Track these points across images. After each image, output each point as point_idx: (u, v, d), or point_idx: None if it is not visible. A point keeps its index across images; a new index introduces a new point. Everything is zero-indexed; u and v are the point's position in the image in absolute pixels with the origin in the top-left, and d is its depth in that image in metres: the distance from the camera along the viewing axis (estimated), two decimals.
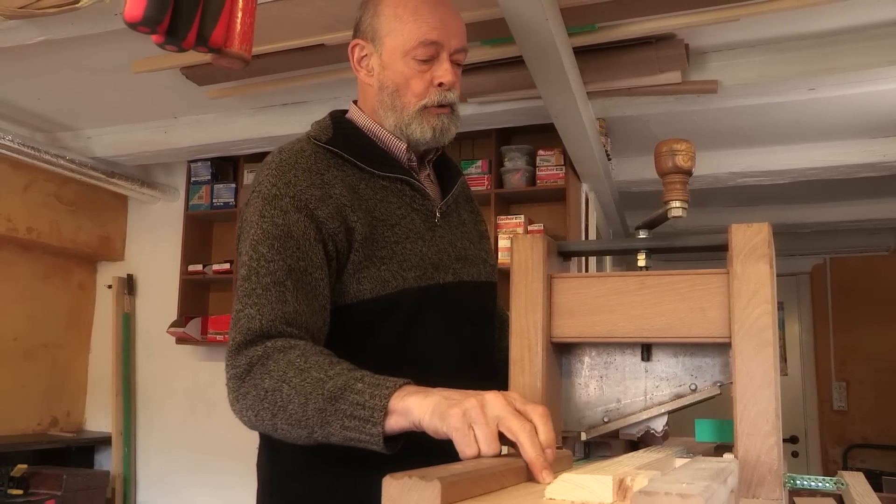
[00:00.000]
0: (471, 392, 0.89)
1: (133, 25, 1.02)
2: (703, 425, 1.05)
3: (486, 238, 1.46)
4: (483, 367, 1.30)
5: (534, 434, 0.82)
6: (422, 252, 1.23)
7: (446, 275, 1.25)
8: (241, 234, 1.20)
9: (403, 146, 1.28)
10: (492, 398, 0.86)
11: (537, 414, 0.85)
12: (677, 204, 1.02)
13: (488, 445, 0.82)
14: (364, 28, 1.29)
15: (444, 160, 1.40)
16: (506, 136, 3.35)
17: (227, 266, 3.71)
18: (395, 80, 1.25)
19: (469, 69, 2.60)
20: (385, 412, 0.93)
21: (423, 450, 0.88)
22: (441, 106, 1.25)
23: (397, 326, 1.19)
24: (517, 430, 0.82)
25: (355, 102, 1.35)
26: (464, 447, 0.83)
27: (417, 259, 1.22)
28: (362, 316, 1.19)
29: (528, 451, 0.79)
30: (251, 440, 4.41)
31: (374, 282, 1.18)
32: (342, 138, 1.26)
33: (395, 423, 0.93)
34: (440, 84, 1.24)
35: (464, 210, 1.41)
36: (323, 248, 1.15)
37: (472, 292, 1.30)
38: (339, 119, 1.31)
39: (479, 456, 0.82)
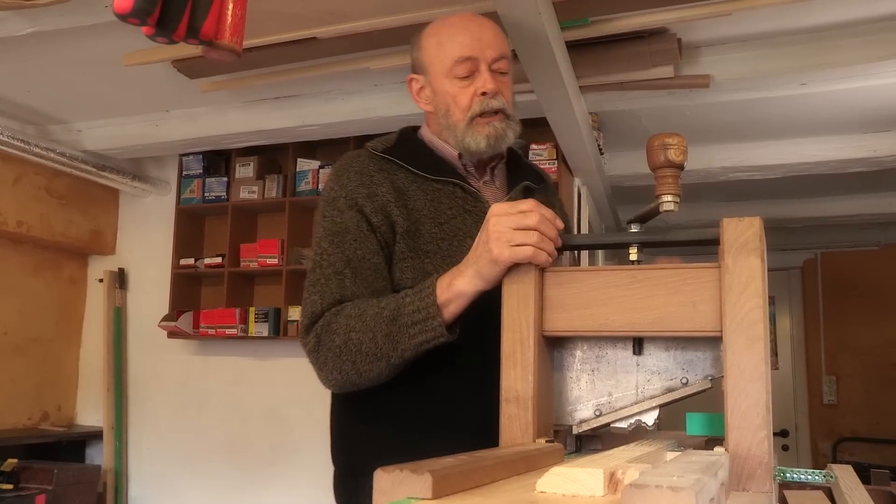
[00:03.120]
0: (480, 238, 1.09)
1: (123, 17, 1.02)
2: (694, 419, 1.05)
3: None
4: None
5: (546, 220, 1.04)
6: (468, 250, 1.27)
7: None
8: (313, 235, 1.36)
9: (455, 153, 1.38)
10: (497, 220, 1.05)
11: (535, 204, 1.06)
12: (669, 198, 1.02)
13: (537, 239, 1.02)
14: (415, 64, 1.42)
15: (517, 167, 1.47)
16: None
17: (218, 260, 3.70)
18: (445, 101, 1.35)
19: None
20: (437, 306, 1.12)
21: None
22: (489, 114, 1.33)
23: None
24: (538, 223, 1.03)
25: None
26: (541, 261, 1.02)
27: (463, 256, 1.26)
28: None
29: (551, 231, 1.04)
30: (242, 435, 4.39)
31: (416, 272, 1.27)
32: (400, 148, 1.39)
33: (453, 309, 1.13)
34: (483, 94, 1.31)
35: None
36: (375, 237, 1.29)
37: None
38: (405, 133, 1.45)
39: (549, 256, 1.02)
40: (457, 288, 1.12)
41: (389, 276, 1.28)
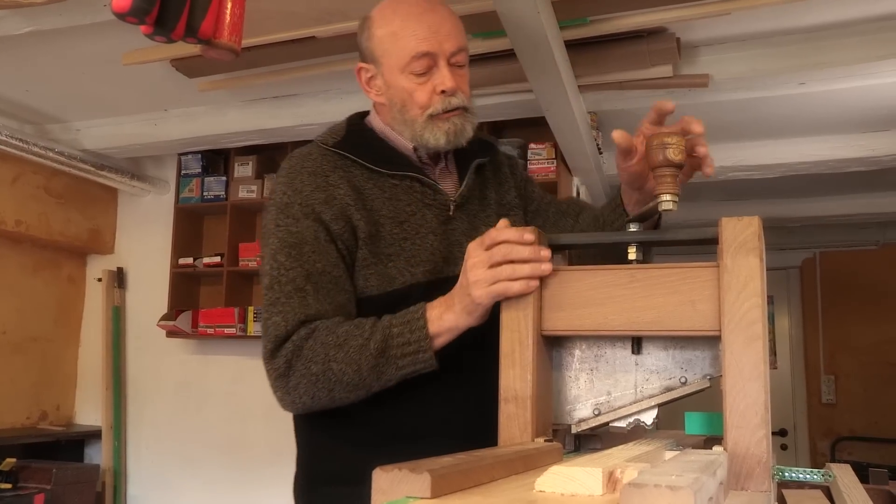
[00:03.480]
0: (461, 281, 1.10)
1: (121, 16, 1.01)
2: (692, 418, 1.05)
3: (516, 207, 1.44)
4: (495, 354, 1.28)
5: (513, 244, 1.03)
6: (433, 247, 1.26)
7: (457, 267, 1.24)
8: (262, 242, 1.28)
9: (410, 146, 1.31)
10: (472, 263, 1.06)
11: (497, 233, 1.05)
12: (668, 197, 1.02)
13: (509, 272, 1.02)
14: (364, 52, 1.32)
15: (462, 149, 1.38)
16: (497, 129, 3.35)
17: (217, 259, 3.70)
18: (401, 97, 1.27)
19: None
20: (430, 338, 1.12)
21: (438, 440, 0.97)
22: (449, 111, 1.26)
23: None
24: (506, 255, 1.02)
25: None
26: (514, 291, 1.01)
27: (428, 254, 1.25)
28: (370, 311, 1.22)
29: (522, 253, 1.02)
30: (242, 434, 4.38)
31: (380, 278, 1.23)
32: (351, 141, 1.31)
33: (442, 341, 1.13)
34: (442, 91, 1.25)
35: (491, 188, 1.41)
36: (335, 246, 1.22)
37: None
38: (354, 122, 1.36)
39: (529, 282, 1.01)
40: (448, 322, 1.12)
41: (352, 286, 1.23)
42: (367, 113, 1.39)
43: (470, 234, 1.31)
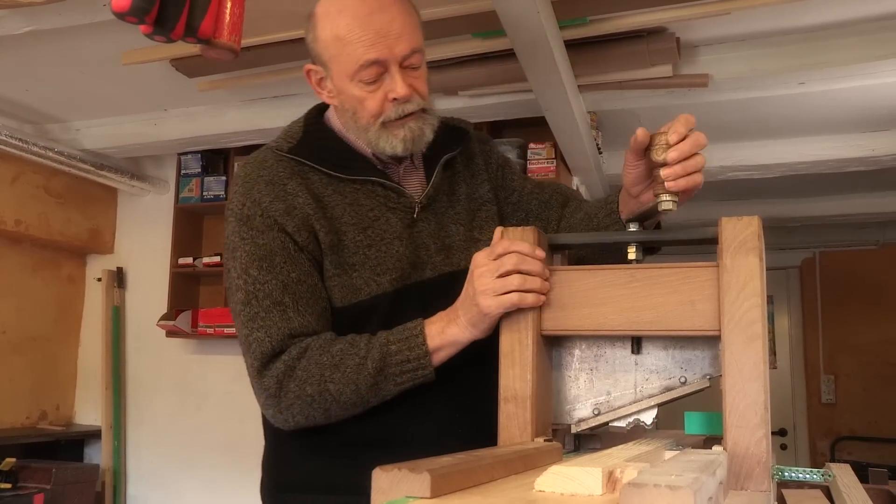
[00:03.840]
0: (467, 290, 1.08)
1: (121, 15, 1.01)
2: (692, 418, 1.05)
3: (489, 202, 1.36)
4: (482, 354, 1.19)
5: (525, 256, 1.02)
6: (399, 253, 1.21)
7: (424, 272, 1.23)
8: (228, 255, 1.22)
9: (368, 150, 1.25)
10: (479, 272, 1.05)
11: (509, 243, 1.03)
12: (668, 197, 1.02)
13: (519, 282, 1.00)
14: (311, 53, 1.25)
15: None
16: (497, 129, 3.35)
17: (217, 259, 3.69)
18: (351, 103, 1.21)
19: (460, 62, 2.59)
20: (430, 355, 1.10)
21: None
22: (404, 116, 1.20)
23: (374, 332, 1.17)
24: (517, 265, 1.01)
25: None
26: (529, 303, 1.01)
27: (394, 261, 1.20)
28: (336, 324, 1.20)
29: (534, 266, 1.01)
30: (241, 434, 4.37)
31: (344, 290, 1.19)
32: (308, 145, 1.25)
33: (443, 356, 1.12)
34: (394, 99, 1.18)
35: (461, 181, 1.34)
36: (304, 255, 1.18)
37: (454, 282, 1.18)
38: (312, 121, 1.30)
39: (537, 297, 1.01)
40: (450, 336, 1.10)
41: (327, 293, 1.19)
42: (328, 106, 1.32)
43: (437, 235, 1.26)
